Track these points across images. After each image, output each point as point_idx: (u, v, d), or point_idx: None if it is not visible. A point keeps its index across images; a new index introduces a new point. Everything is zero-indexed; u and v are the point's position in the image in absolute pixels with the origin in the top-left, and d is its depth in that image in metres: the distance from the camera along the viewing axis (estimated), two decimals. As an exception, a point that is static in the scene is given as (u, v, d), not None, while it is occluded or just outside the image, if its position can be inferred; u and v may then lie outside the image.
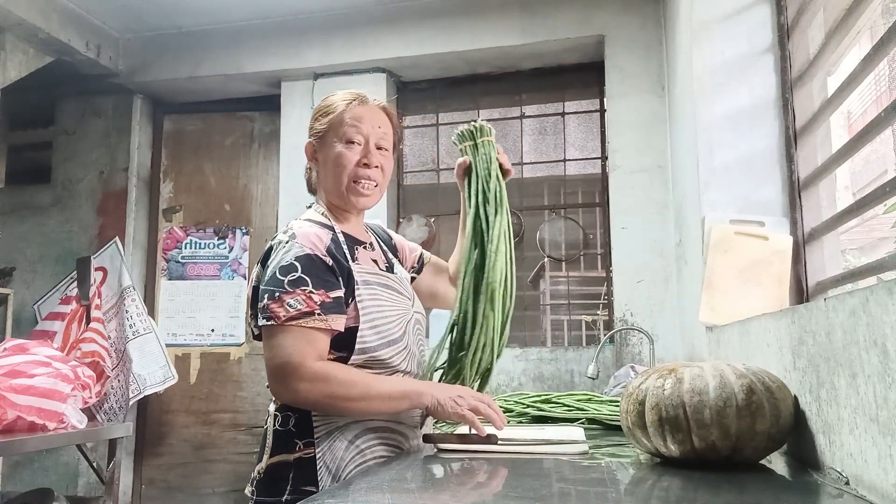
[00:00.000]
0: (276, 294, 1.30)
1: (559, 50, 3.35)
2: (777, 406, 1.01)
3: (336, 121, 1.47)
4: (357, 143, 1.46)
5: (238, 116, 3.93)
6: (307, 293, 1.30)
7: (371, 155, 1.47)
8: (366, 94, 1.53)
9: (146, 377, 3.39)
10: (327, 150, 1.48)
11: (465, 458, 1.25)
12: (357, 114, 1.48)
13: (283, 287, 1.30)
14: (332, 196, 1.50)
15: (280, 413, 1.37)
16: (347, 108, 1.48)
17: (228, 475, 3.60)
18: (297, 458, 1.32)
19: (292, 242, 1.37)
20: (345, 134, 1.46)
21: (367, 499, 0.90)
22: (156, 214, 3.92)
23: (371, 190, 1.48)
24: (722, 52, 2.16)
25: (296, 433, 1.34)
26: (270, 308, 1.29)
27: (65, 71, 3.53)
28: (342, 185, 1.46)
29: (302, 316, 1.28)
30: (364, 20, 3.46)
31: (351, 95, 1.51)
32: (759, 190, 2.06)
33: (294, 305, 1.29)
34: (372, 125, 1.48)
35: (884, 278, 1.23)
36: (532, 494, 0.95)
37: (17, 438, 2.22)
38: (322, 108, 1.52)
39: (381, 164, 1.48)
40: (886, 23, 1.57)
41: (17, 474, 3.61)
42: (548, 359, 3.11)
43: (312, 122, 1.53)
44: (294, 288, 1.30)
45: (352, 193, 1.47)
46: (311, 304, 1.29)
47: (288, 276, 1.31)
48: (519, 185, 3.53)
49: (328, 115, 1.49)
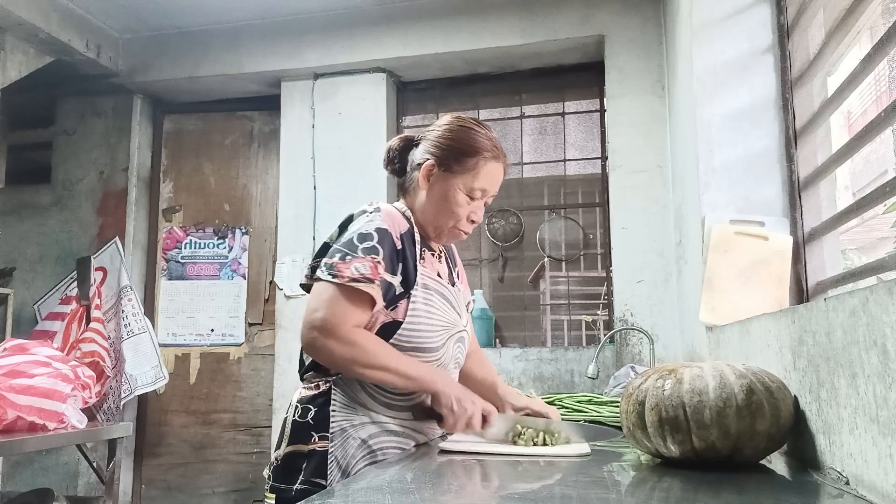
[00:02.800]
0: (347, 256, 1.35)
1: (559, 50, 3.35)
2: (777, 406, 1.01)
3: (471, 167, 1.47)
4: (476, 199, 1.49)
5: (238, 116, 3.93)
6: (375, 262, 1.36)
7: (479, 212, 1.52)
8: (500, 147, 1.52)
9: (137, 377, 3.40)
10: (447, 189, 1.47)
11: (466, 458, 1.25)
12: (491, 172, 1.49)
13: (356, 252, 1.36)
14: (426, 222, 1.51)
15: (301, 404, 1.42)
16: (486, 161, 1.47)
17: (228, 475, 3.60)
18: (310, 449, 1.36)
19: (375, 215, 1.43)
20: (472, 189, 1.47)
21: (367, 499, 0.90)
22: (156, 214, 3.92)
23: (462, 238, 1.54)
24: (722, 52, 2.16)
25: (313, 425, 1.38)
26: (338, 267, 1.34)
27: (65, 71, 3.53)
28: (445, 227, 1.50)
29: (364, 280, 1.33)
30: (364, 20, 3.46)
31: (491, 144, 1.49)
32: (759, 190, 2.06)
33: (360, 270, 1.34)
34: (495, 186, 1.52)
35: (884, 278, 1.23)
36: (532, 495, 0.95)
37: (17, 438, 2.22)
38: (460, 140, 1.48)
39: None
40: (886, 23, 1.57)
41: (17, 474, 3.61)
42: (548, 359, 3.11)
43: (442, 142, 1.49)
44: (366, 255, 1.36)
45: (449, 236, 1.53)
46: (375, 273, 1.35)
47: (364, 244, 1.37)
48: (519, 185, 3.53)
49: (466, 154, 1.47)
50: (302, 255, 3.47)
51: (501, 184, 1.55)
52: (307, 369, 1.47)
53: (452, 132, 1.50)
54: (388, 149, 1.59)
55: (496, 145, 1.51)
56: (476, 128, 1.51)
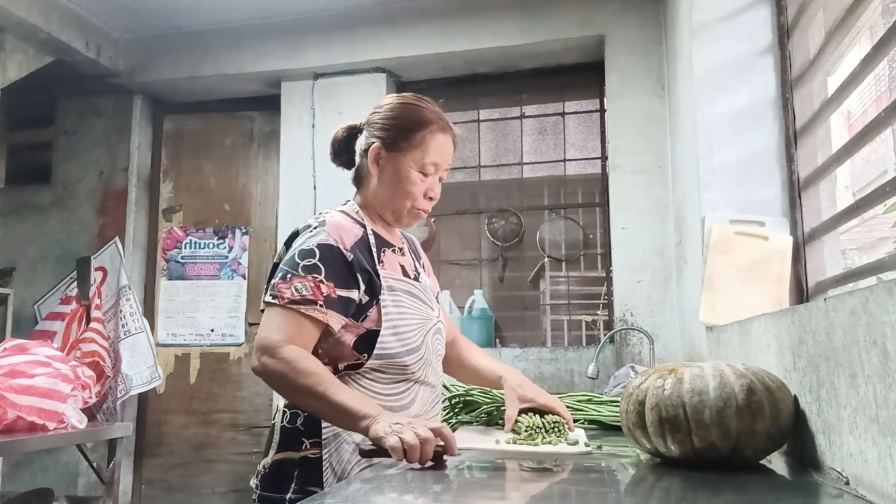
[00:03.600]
0: (287, 275, 1.31)
1: (559, 50, 3.35)
2: (777, 406, 1.01)
3: (418, 142, 1.43)
4: (430, 175, 1.46)
5: (238, 116, 3.93)
6: (317, 281, 1.31)
7: (436, 188, 1.48)
8: (446, 118, 1.48)
9: (133, 377, 3.39)
10: (398, 168, 1.43)
11: (466, 458, 1.25)
12: (440, 145, 1.45)
13: (296, 270, 1.31)
14: (383, 207, 1.48)
15: (289, 410, 1.37)
16: (433, 134, 1.44)
17: (228, 475, 3.60)
18: (302, 456, 1.32)
19: (320, 229, 1.37)
20: (424, 165, 1.44)
21: (367, 499, 0.90)
22: (156, 214, 3.92)
23: (423, 216, 1.50)
24: (722, 52, 2.16)
25: (303, 431, 1.34)
26: (278, 287, 1.30)
27: (65, 71, 3.53)
28: (403, 207, 1.46)
29: (304, 302, 1.29)
30: (364, 20, 3.46)
31: (436, 116, 1.46)
32: (758, 190, 2.06)
33: (300, 290, 1.29)
34: (447, 158, 1.48)
35: (884, 278, 1.23)
36: (532, 494, 0.95)
37: (17, 438, 2.21)
38: (404, 118, 1.45)
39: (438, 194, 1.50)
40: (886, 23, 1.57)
41: (17, 474, 3.61)
42: (548, 359, 3.11)
43: (385, 123, 1.45)
44: (307, 273, 1.31)
45: (409, 217, 1.48)
46: (316, 293, 1.30)
47: (304, 261, 1.32)
48: (519, 185, 3.53)
49: (412, 130, 1.43)
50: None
51: (501, 184, 1.54)
52: None
53: (394, 110, 1.46)
54: (333, 141, 1.53)
55: (441, 117, 1.47)
56: (418, 102, 1.48)
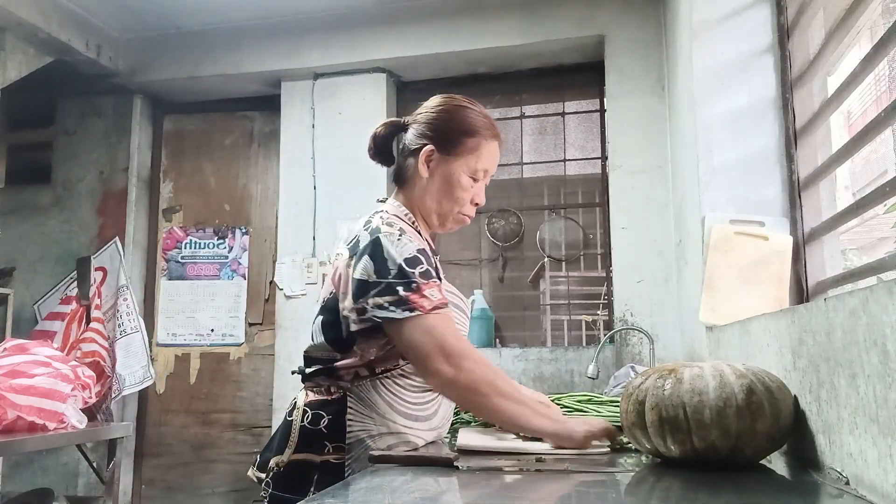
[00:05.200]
0: (412, 285, 1.26)
1: (559, 50, 3.35)
2: (777, 406, 1.01)
3: (472, 147, 1.42)
4: (479, 181, 1.45)
5: (238, 116, 3.93)
6: (437, 286, 1.31)
7: (482, 195, 1.48)
8: (496, 125, 1.48)
9: (126, 377, 3.39)
10: (450, 173, 1.42)
11: (472, 460, 1.25)
12: (492, 152, 1.45)
13: (415, 279, 1.27)
14: (429, 211, 1.46)
15: (311, 410, 1.33)
16: (487, 140, 1.43)
17: (228, 475, 3.60)
18: (323, 460, 1.29)
19: (405, 237, 1.32)
20: (475, 171, 1.43)
21: (366, 499, 0.90)
22: (156, 214, 3.92)
23: (467, 222, 1.50)
24: (722, 52, 2.16)
25: (326, 434, 1.30)
26: (411, 300, 1.25)
27: (65, 71, 3.53)
28: (450, 212, 1.45)
29: (442, 305, 1.29)
30: (364, 20, 3.46)
31: (489, 123, 1.45)
32: (758, 190, 2.06)
33: (434, 295, 1.28)
34: (495, 165, 1.48)
35: (884, 278, 1.22)
36: (532, 495, 0.95)
37: (17, 438, 2.22)
38: (459, 121, 1.43)
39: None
40: (886, 23, 1.57)
41: (17, 474, 3.61)
42: (548, 359, 3.11)
43: (439, 124, 1.43)
44: (427, 279, 1.29)
45: (453, 223, 1.47)
46: (442, 295, 1.31)
47: (417, 268, 1.29)
48: (519, 185, 3.53)
49: (466, 135, 1.42)
50: (302, 255, 3.46)
51: (501, 184, 1.55)
52: (316, 373, 1.37)
53: (448, 112, 1.43)
54: (374, 136, 1.50)
55: (492, 123, 1.46)
56: (471, 106, 1.46)
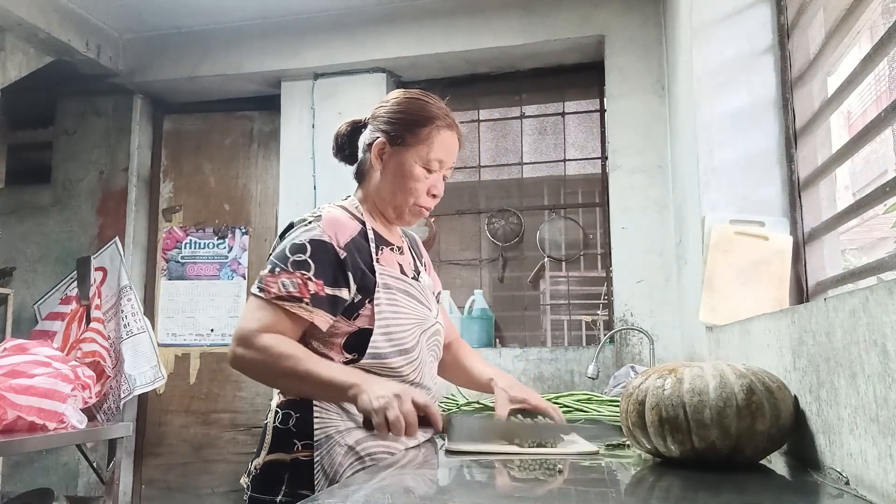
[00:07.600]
0: (276, 269, 1.29)
1: (559, 50, 3.35)
2: (777, 406, 1.01)
3: (424, 137, 1.42)
4: (434, 172, 1.44)
5: (238, 116, 3.93)
6: (305, 278, 1.29)
7: (440, 186, 1.47)
8: (452, 116, 1.47)
9: (136, 377, 3.39)
10: (402, 164, 1.42)
11: (468, 459, 1.25)
12: (447, 142, 1.44)
13: (285, 265, 1.29)
14: (385, 204, 1.46)
15: (281, 410, 1.35)
16: (439, 130, 1.43)
17: (228, 475, 3.60)
18: (293, 458, 1.30)
19: (315, 224, 1.35)
20: (429, 161, 1.42)
21: (366, 499, 0.90)
22: (156, 214, 3.92)
23: (425, 214, 1.49)
24: (722, 52, 2.16)
25: (295, 433, 1.32)
26: (266, 280, 1.29)
27: (65, 71, 3.53)
28: (405, 204, 1.44)
29: (290, 299, 1.28)
30: (364, 20, 3.46)
31: (443, 113, 1.45)
32: (758, 190, 2.06)
33: (286, 286, 1.28)
34: (452, 156, 1.46)
35: (884, 278, 1.23)
36: (532, 494, 0.95)
37: (17, 438, 2.22)
38: (410, 113, 1.44)
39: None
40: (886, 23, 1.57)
41: (17, 474, 3.61)
42: (548, 359, 3.11)
43: (391, 117, 1.44)
44: (295, 269, 1.29)
45: (410, 214, 1.47)
46: (303, 290, 1.28)
47: (294, 256, 1.30)
48: (519, 185, 3.53)
49: (418, 125, 1.42)
50: (302, 255, 3.46)
51: (501, 184, 1.54)
52: None
53: (400, 105, 1.45)
54: (336, 135, 1.52)
55: (448, 114, 1.46)
56: (425, 98, 1.47)
